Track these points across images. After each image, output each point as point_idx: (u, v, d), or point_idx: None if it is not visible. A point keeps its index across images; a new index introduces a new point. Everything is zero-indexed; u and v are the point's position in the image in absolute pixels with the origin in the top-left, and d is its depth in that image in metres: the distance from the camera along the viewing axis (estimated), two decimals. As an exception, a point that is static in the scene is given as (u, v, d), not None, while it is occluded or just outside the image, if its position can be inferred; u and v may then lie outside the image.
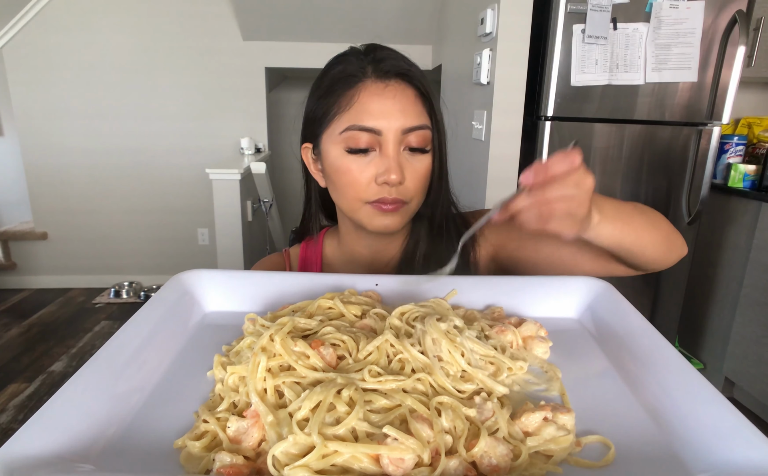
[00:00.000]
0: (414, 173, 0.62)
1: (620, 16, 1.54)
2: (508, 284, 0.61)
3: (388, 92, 0.60)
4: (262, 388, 0.38)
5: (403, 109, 0.60)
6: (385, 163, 0.60)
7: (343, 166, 0.62)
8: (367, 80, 0.61)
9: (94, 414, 0.37)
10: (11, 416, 1.96)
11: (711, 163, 1.69)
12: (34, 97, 2.95)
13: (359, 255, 0.73)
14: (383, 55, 0.63)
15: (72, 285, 3.27)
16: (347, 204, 0.65)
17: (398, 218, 0.64)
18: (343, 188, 0.63)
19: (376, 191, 0.61)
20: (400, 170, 0.60)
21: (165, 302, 0.54)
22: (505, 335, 0.49)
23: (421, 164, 0.63)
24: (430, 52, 3.03)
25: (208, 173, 2.48)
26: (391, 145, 0.60)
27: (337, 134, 0.61)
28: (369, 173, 0.61)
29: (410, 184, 0.63)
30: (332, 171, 0.64)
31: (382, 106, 0.60)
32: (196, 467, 0.34)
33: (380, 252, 0.73)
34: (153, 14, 2.89)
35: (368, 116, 0.60)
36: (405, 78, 0.62)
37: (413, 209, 0.66)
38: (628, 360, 0.48)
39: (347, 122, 0.60)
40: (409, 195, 0.63)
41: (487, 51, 1.69)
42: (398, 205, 0.63)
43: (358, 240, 0.72)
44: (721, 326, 2.07)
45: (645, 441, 0.38)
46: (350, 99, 0.61)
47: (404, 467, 0.32)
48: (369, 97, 0.60)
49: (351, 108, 0.61)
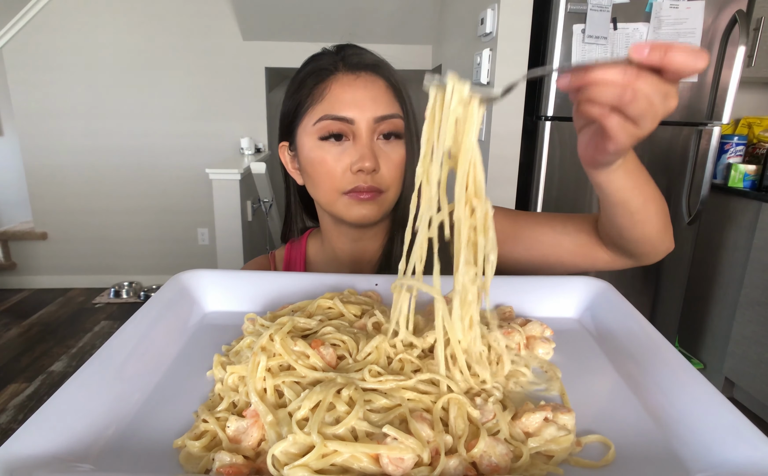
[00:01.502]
0: (389, 161, 0.63)
1: (620, 16, 1.54)
2: (508, 285, 0.61)
3: (359, 83, 0.62)
4: (261, 388, 0.38)
5: (374, 98, 0.62)
6: (358, 150, 0.61)
7: (318, 157, 0.63)
8: (338, 73, 0.63)
9: (93, 413, 0.37)
10: (11, 416, 1.96)
11: (711, 163, 1.69)
12: (34, 97, 2.95)
13: (341, 252, 0.74)
14: (353, 52, 0.65)
15: (72, 285, 3.27)
16: (324, 196, 0.65)
17: (375, 207, 0.64)
18: (319, 179, 0.64)
19: (351, 179, 0.62)
20: (373, 157, 0.61)
21: (165, 302, 0.54)
22: (512, 337, 0.49)
23: (395, 152, 0.64)
24: (430, 52, 3.03)
25: (208, 173, 2.48)
26: (365, 133, 0.62)
27: (311, 125, 0.63)
28: (344, 163, 0.62)
29: (385, 172, 0.63)
30: (307, 164, 0.65)
31: (354, 96, 0.61)
32: (196, 467, 0.34)
33: (361, 248, 0.73)
34: (153, 14, 2.89)
35: (340, 106, 0.61)
36: (375, 70, 0.64)
37: (391, 199, 0.66)
38: (627, 359, 0.48)
39: (320, 113, 0.62)
40: (386, 184, 0.64)
41: (487, 51, 1.69)
42: (374, 194, 0.63)
43: (339, 236, 0.72)
44: (721, 326, 2.07)
45: (645, 440, 0.38)
46: (322, 91, 0.62)
47: (404, 466, 0.32)
48: (340, 88, 0.62)
49: (323, 99, 0.62)
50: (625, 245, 0.56)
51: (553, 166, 1.68)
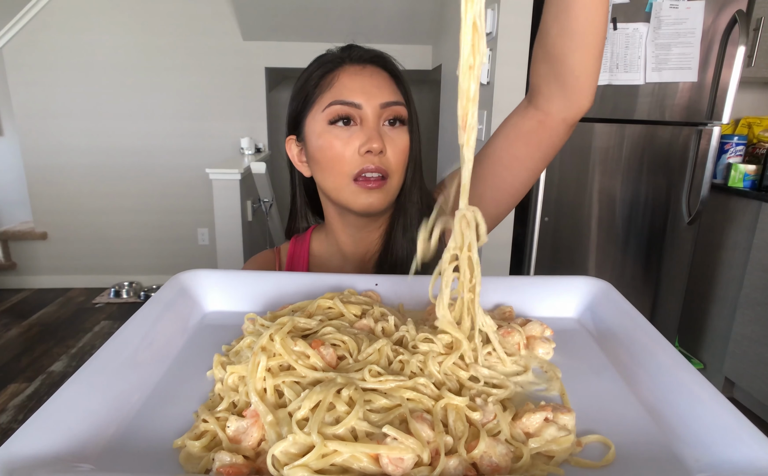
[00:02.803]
0: (394, 146, 0.67)
1: (620, 16, 1.54)
2: (508, 284, 0.61)
3: (365, 73, 0.67)
4: (261, 388, 0.38)
5: (379, 86, 0.66)
6: (366, 133, 0.65)
7: (326, 142, 0.66)
8: (345, 64, 0.67)
9: (93, 413, 0.37)
10: (11, 416, 1.96)
11: (711, 163, 1.69)
12: (34, 98, 2.95)
13: (343, 244, 0.76)
14: (357, 48, 0.70)
15: (72, 285, 3.27)
16: (332, 182, 0.68)
17: (381, 195, 0.67)
18: (328, 163, 0.66)
19: (360, 161, 0.65)
20: (380, 139, 0.65)
21: (164, 302, 0.54)
22: (512, 337, 0.49)
23: (400, 138, 0.67)
24: (430, 52, 3.03)
25: (208, 173, 2.48)
26: (372, 118, 0.65)
27: (320, 112, 0.66)
28: (352, 146, 0.65)
29: (391, 157, 0.66)
30: (316, 150, 0.67)
31: (361, 83, 0.65)
32: (196, 467, 0.34)
33: (364, 240, 0.76)
34: (153, 14, 2.89)
35: (348, 92, 0.65)
36: (379, 62, 0.69)
37: (395, 187, 0.69)
38: (627, 359, 0.48)
39: (329, 99, 0.65)
40: (391, 168, 0.67)
41: (487, 51, 1.69)
42: (381, 181, 0.66)
43: (343, 228, 0.75)
44: (721, 326, 2.07)
45: (645, 440, 0.38)
46: (330, 81, 0.66)
47: (404, 467, 0.32)
48: (348, 76, 0.66)
49: (332, 88, 0.66)
50: (557, 68, 0.60)
51: (553, 166, 1.68)
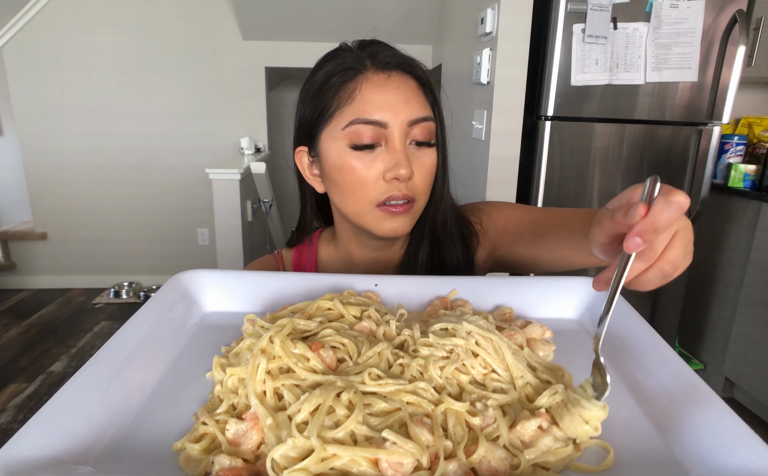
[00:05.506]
0: (421, 168, 0.59)
1: (620, 16, 1.54)
2: (507, 285, 0.60)
3: (390, 83, 0.57)
4: (261, 390, 0.38)
5: (407, 100, 0.58)
6: (393, 157, 0.57)
7: (347, 164, 0.58)
8: (368, 72, 0.58)
9: (93, 415, 0.37)
10: (11, 416, 1.96)
11: (711, 163, 1.69)
12: (34, 97, 2.95)
13: (358, 260, 0.70)
14: (380, 48, 0.60)
15: (72, 285, 3.27)
16: (353, 207, 0.61)
17: (408, 219, 0.61)
18: (349, 188, 0.59)
19: (385, 188, 0.58)
20: (408, 163, 0.57)
21: (164, 303, 0.54)
22: (513, 339, 0.49)
23: (428, 158, 0.60)
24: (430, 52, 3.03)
25: (208, 173, 2.48)
26: (398, 138, 0.57)
27: (339, 130, 0.58)
28: (376, 170, 0.57)
29: (418, 180, 0.59)
30: (335, 171, 0.60)
31: (386, 98, 0.57)
32: (195, 469, 0.34)
33: (381, 257, 0.70)
34: (153, 14, 2.89)
35: (373, 109, 0.56)
36: (406, 69, 0.60)
37: (420, 209, 0.63)
38: (627, 362, 0.48)
39: (350, 116, 0.57)
40: (418, 192, 0.60)
41: (487, 51, 1.68)
42: (407, 206, 0.59)
43: (359, 247, 0.69)
44: (721, 326, 2.07)
45: (644, 445, 0.38)
46: (351, 92, 0.57)
47: (403, 471, 0.32)
48: (371, 88, 0.57)
49: (353, 101, 0.57)
50: None
51: (553, 166, 1.68)
